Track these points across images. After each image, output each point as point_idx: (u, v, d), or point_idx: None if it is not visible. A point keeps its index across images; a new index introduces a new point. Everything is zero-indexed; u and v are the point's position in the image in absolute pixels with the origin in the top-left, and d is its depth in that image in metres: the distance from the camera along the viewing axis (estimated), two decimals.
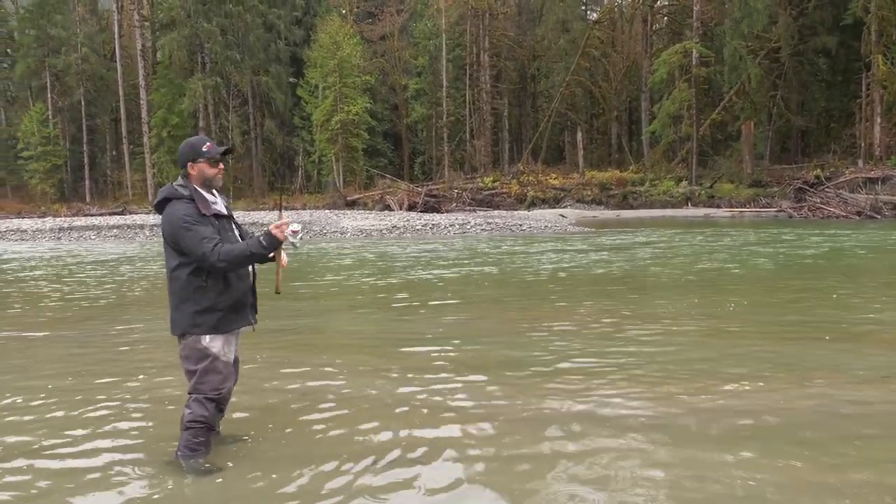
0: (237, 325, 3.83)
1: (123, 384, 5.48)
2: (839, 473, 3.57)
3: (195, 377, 3.74)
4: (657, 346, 6.40)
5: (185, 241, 3.59)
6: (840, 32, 35.63)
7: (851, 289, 10.07)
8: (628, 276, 12.07)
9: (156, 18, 51.90)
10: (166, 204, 3.71)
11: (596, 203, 38.89)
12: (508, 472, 3.67)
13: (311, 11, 55.78)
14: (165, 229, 3.68)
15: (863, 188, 29.66)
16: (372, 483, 3.57)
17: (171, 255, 3.71)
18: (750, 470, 3.60)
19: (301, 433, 4.31)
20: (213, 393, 3.75)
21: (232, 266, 3.64)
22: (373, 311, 9.20)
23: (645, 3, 49.89)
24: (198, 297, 3.67)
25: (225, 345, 3.78)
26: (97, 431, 4.41)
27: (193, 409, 3.71)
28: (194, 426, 3.70)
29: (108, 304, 10.20)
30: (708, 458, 3.76)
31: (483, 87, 51.84)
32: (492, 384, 5.26)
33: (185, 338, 3.72)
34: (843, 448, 3.89)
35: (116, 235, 25.49)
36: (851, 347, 6.31)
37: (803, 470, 3.62)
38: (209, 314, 3.68)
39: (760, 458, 3.76)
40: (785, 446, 3.91)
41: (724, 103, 40.94)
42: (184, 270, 3.67)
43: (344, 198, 42.93)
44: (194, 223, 3.61)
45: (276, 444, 4.14)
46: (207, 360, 3.72)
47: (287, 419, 4.58)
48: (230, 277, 3.75)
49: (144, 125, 50.12)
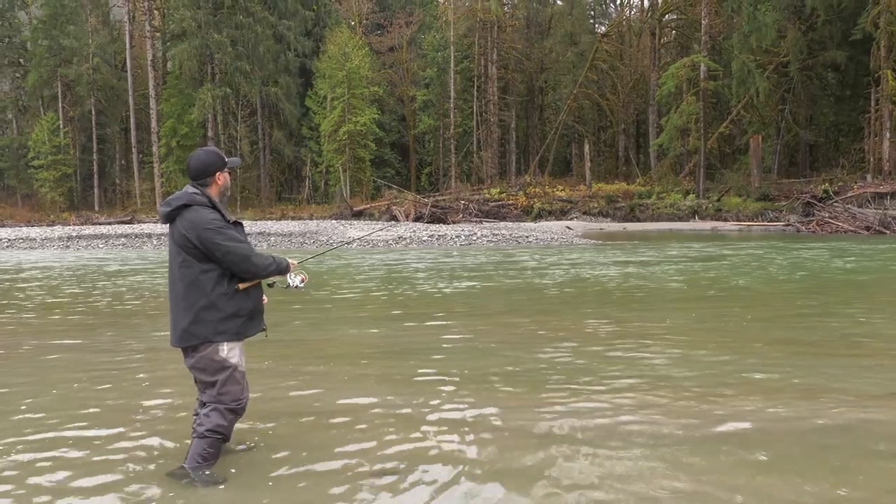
0: (255, 329, 3.87)
1: (131, 392, 5.49)
2: (845, 489, 3.54)
3: (215, 388, 3.72)
4: (666, 359, 6.37)
5: (222, 244, 3.60)
6: (849, 47, 35.60)
7: (861, 305, 10.01)
8: (636, 288, 12.03)
9: (167, 29, 52.31)
10: (184, 210, 3.67)
11: (602, 215, 38.85)
12: (509, 484, 3.66)
13: (320, 23, 56.12)
14: (191, 234, 3.61)
15: (871, 203, 29.53)
16: (375, 494, 3.57)
17: (193, 262, 3.64)
18: (756, 483, 3.58)
19: (306, 442, 4.30)
20: (235, 404, 3.75)
21: (265, 272, 3.76)
22: (379, 321, 9.19)
23: (653, 17, 50.02)
24: (223, 304, 3.66)
25: (241, 354, 3.80)
26: (104, 439, 4.42)
27: (213, 418, 3.69)
28: (211, 436, 3.68)
29: (121, 311, 10.23)
30: (712, 471, 3.74)
31: (491, 98, 51.99)
32: (495, 395, 5.25)
33: (201, 349, 3.67)
34: (849, 464, 3.86)
35: (124, 244, 25.60)
36: (860, 363, 6.27)
37: (812, 485, 3.59)
38: (234, 320, 3.70)
39: (769, 472, 3.74)
40: (795, 462, 3.89)
41: (732, 117, 40.94)
42: (208, 276, 3.64)
43: (351, 208, 43.03)
44: (226, 227, 3.68)
45: (281, 452, 4.12)
46: (227, 371, 3.72)
47: (292, 428, 4.58)
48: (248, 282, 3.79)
49: (154, 135, 50.42)
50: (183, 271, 3.67)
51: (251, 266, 3.68)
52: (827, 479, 3.66)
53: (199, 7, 48.08)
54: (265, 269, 3.74)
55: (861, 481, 3.65)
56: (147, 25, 52.46)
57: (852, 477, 3.70)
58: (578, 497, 3.49)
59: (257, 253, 3.74)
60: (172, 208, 3.68)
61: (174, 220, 3.70)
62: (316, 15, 55.92)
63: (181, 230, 3.64)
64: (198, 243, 3.61)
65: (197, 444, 3.68)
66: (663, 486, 3.58)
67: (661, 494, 3.49)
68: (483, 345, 7.31)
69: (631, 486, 3.60)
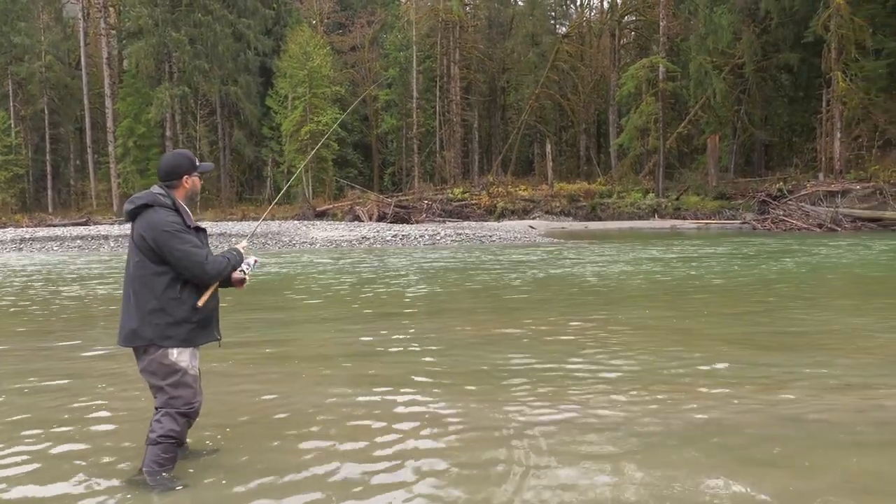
0: (205, 339, 3.79)
1: (84, 398, 5.36)
2: (804, 479, 3.63)
3: (166, 393, 3.66)
4: (628, 355, 6.45)
5: (176, 249, 3.54)
6: (802, 49, 36.55)
7: (814, 300, 10.28)
8: (599, 286, 12.17)
9: (123, 27, 51.22)
10: (145, 209, 3.64)
11: (564, 214, 39.20)
12: (475, 481, 3.66)
13: (281, 22, 55.55)
14: (147, 235, 3.58)
15: (823, 201, 30.35)
16: (338, 494, 3.54)
17: (147, 263, 3.61)
18: (721, 477, 3.64)
19: (269, 443, 4.25)
20: (186, 407, 3.68)
21: (219, 277, 3.70)
22: (343, 321, 9.13)
23: (612, 18, 50.68)
24: (172, 309, 3.60)
25: (192, 357, 3.72)
26: (57, 447, 4.30)
27: (165, 423, 3.62)
28: (165, 441, 3.61)
29: (72, 316, 9.98)
30: (679, 465, 3.79)
31: (453, 98, 52.07)
32: (460, 394, 5.25)
33: (150, 352, 3.62)
34: (813, 454, 3.96)
35: (80, 246, 24.98)
36: (814, 355, 6.43)
37: (773, 476, 3.66)
38: (182, 326, 3.63)
39: (730, 464, 3.81)
40: (757, 453, 3.97)
41: (690, 117, 41.71)
42: (161, 279, 3.59)
43: (313, 208, 42.68)
44: (183, 232, 3.61)
45: (243, 455, 4.07)
46: (177, 375, 3.65)
47: (255, 429, 4.52)
48: (203, 291, 3.71)
49: (110, 134, 49.31)
50: (137, 271, 3.63)
51: (204, 273, 3.61)
52: (787, 470, 3.74)
53: (156, 5, 47.23)
54: (219, 273, 3.68)
55: (819, 471, 3.73)
56: (102, 23, 51.31)
57: (811, 467, 3.79)
58: (545, 493, 3.50)
59: (212, 258, 3.66)
60: (135, 206, 3.65)
61: (135, 219, 3.67)
62: (276, 13, 55.34)
63: (139, 230, 3.62)
64: (153, 245, 3.56)
65: (151, 451, 3.61)
66: (629, 480, 3.62)
67: (626, 488, 3.53)
68: (448, 343, 7.31)
69: (597, 478, 3.63)
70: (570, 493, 3.49)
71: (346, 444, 4.22)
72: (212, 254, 3.72)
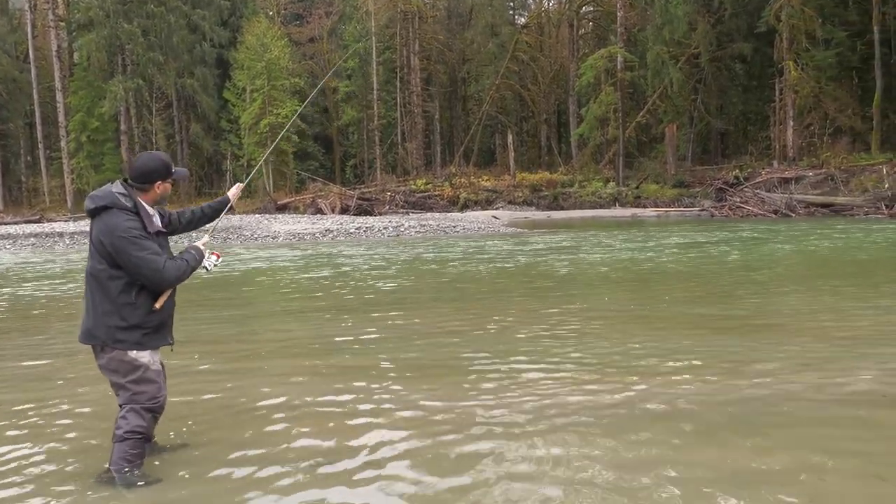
0: (159, 343, 3.75)
1: (44, 397, 5.25)
2: (766, 457, 3.74)
3: (128, 390, 3.61)
4: (591, 341, 6.55)
5: (133, 255, 3.48)
6: (755, 39, 37.32)
7: (772, 284, 10.55)
8: (562, 274, 12.30)
9: (72, 18, 49.78)
10: (104, 211, 3.56)
11: (527, 204, 39.45)
12: (443, 472, 3.69)
13: (236, 13, 54.61)
14: (105, 240, 3.51)
15: (778, 188, 31.10)
16: (306, 487, 3.54)
17: (103, 265, 3.55)
18: (683, 456, 3.73)
19: (235, 438, 4.22)
20: (151, 402, 3.64)
21: (178, 282, 3.65)
22: (308, 315, 9.08)
23: (570, 9, 50.98)
24: (125, 314, 3.55)
25: (152, 353, 3.69)
26: (20, 448, 4.21)
27: (130, 419, 3.58)
28: (132, 437, 3.57)
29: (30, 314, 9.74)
30: (643, 448, 3.88)
31: (414, 89, 51.89)
32: (427, 385, 5.28)
33: (108, 350, 3.58)
34: (769, 433, 4.08)
35: (34, 244, 24.32)
36: (772, 338, 6.61)
37: (732, 456, 3.77)
38: (134, 331, 3.58)
39: (694, 445, 3.91)
40: (718, 433, 4.08)
41: (648, 106, 42.31)
42: (116, 283, 3.54)
43: (274, 202, 42.19)
44: (141, 238, 3.53)
45: (210, 450, 4.04)
46: (139, 371, 3.61)
47: (223, 424, 4.49)
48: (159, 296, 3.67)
49: (62, 129, 47.99)
50: (94, 272, 3.59)
51: (162, 281, 3.56)
52: (748, 449, 3.85)
53: None
54: (178, 279, 3.63)
55: (780, 449, 3.85)
56: (50, 14, 49.78)
57: (772, 446, 3.90)
58: (513, 484, 3.55)
59: (170, 264, 3.58)
60: (94, 206, 3.57)
61: (94, 218, 3.60)
62: (232, 4, 54.39)
63: (97, 233, 3.56)
64: (110, 249, 3.51)
65: (118, 448, 3.56)
66: (595, 465, 3.68)
67: (593, 472, 3.60)
68: (414, 335, 7.32)
69: (562, 467, 3.69)
70: (534, 481, 3.54)
71: (311, 436, 4.22)
72: (172, 257, 3.67)
